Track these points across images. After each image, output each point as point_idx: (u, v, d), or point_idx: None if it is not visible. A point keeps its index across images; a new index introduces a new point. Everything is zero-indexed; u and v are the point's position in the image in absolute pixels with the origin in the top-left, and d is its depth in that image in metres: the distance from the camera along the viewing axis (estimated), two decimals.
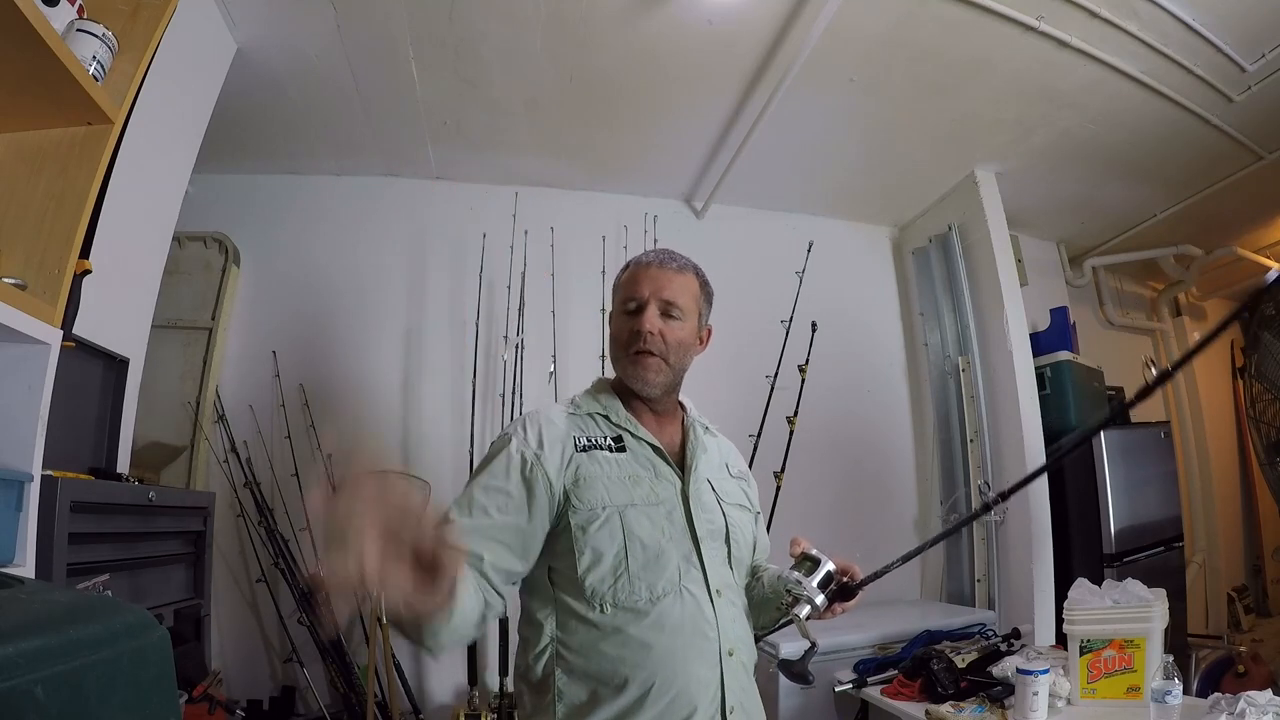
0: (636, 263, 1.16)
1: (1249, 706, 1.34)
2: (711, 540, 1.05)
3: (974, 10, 1.99)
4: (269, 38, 2.06)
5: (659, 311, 1.09)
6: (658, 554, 0.98)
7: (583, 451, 1.04)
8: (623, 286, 1.15)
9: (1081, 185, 3.10)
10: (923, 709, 1.70)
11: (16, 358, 1.15)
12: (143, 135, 1.50)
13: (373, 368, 2.75)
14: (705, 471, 1.12)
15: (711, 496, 1.10)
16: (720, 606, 1.01)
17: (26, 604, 0.52)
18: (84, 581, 1.30)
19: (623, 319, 1.12)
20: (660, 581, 0.97)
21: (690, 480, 1.08)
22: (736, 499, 1.15)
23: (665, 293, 1.09)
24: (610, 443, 1.07)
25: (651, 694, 0.93)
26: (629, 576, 0.96)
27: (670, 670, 0.94)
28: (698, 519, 1.04)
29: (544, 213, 2.81)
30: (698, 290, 1.14)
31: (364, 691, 2.29)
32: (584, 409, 1.12)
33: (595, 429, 1.09)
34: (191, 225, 2.41)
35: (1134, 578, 1.66)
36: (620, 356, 1.11)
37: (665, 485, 1.06)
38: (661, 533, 1.00)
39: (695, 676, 0.96)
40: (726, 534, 1.08)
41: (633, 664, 0.94)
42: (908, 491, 3.19)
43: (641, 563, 0.97)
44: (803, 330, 2.51)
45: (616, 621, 0.95)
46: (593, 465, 1.03)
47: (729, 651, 1.00)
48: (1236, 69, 2.27)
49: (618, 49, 2.16)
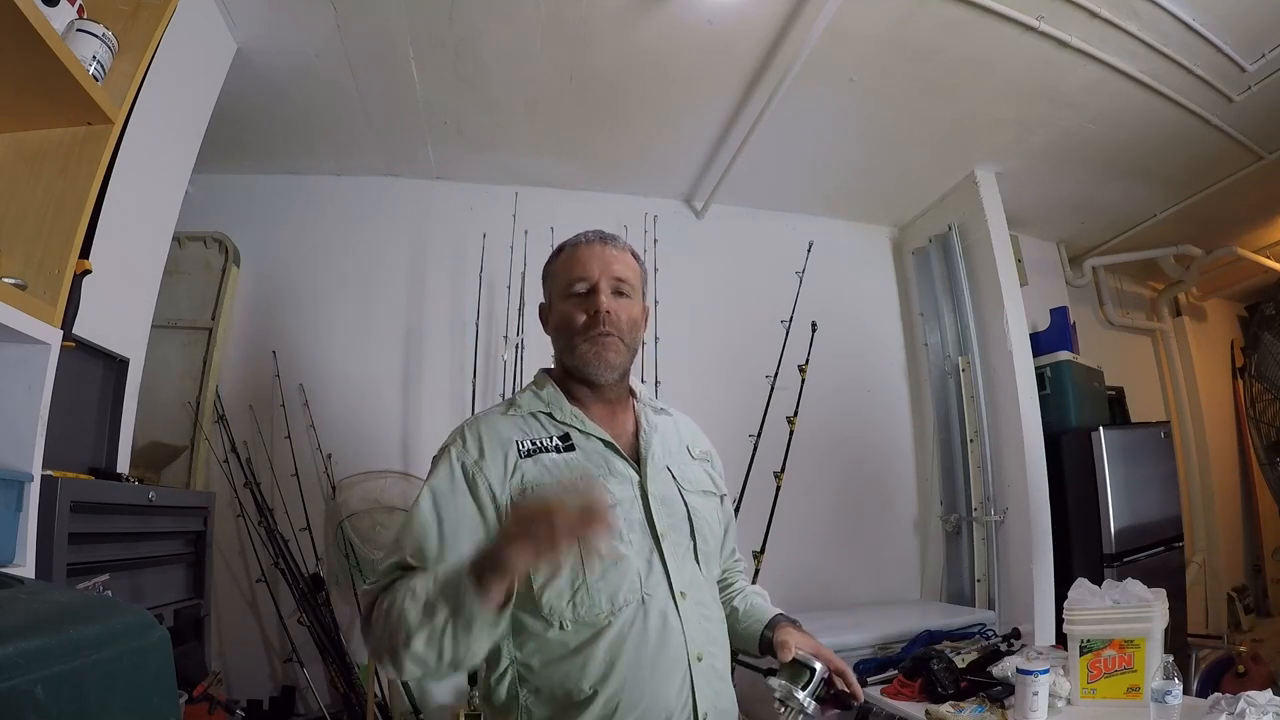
0: (574, 244, 1.09)
1: (1249, 706, 1.34)
2: (674, 535, 1.00)
3: (974, 10, 1.99)
4: (269, 38, 2.06)
5: (611, 290, 1.04)
6: (616, 560, 0.93)
7: (527, 457, 0.98)
8: (562, 270, 1.08)
9: (1081, 185, 3.10)
10: (923, 709, 1.70)
11: (16, 358, 1.15)
12: (143, 135, 1.50)
13: (373, 368, 2.75)
14: (664, 459, 1.06)
15: (673, 487, 1.04)
16: (685, 609, 0.96)
17: (26, 604, 0.53)
18: (84, 581, 1.30)
19: (570, 302, 1.05)
20: (621, 590, 0.92)
21: (648, 473, 1.01)
22: (700, 484, 1.09)
23: (614, 269, 1.05)
24: (557, 443, 1.00)
25: (619, 709, 0.89)
26: (587, 589, 0.92)
27: (637, 683, 0.90)
28: (658, 515, 0.99)
29: (544, 213, 2.80)
30: (639, 270, 1.10)
31: (364, 691, 2.29)
32: (525, 408, 1.05)
33: (539, 429, 1.02)
34: (191, 225, 2.40)
35: (1134, 578, 1.66)
36: (575, 343, 1.03)
37: (621, 483, 0.99)
38: (619, 537, 0.94)
39: (663, 688, 0.92)
40: (691, 528, 1.02)
41: (597, 679, 0.89)
42: (908, 492, 3.19)
43: (599, 572, 0.92)
44: (803, 330, 2.51)
45: (578, 637, 0.91)
46: (539, 471, 0.97)
47: (697, 657, 0.95)
48: (1236, 69, 2.27)
49: (618, 49, 2.16)
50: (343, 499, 2.44)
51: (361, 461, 2.57)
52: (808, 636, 1.06)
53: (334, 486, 2.50)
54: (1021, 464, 2.66)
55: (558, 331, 1.08)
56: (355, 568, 2.36)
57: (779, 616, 1.12)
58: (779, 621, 1.10)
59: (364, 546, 2.36)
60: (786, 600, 1.26)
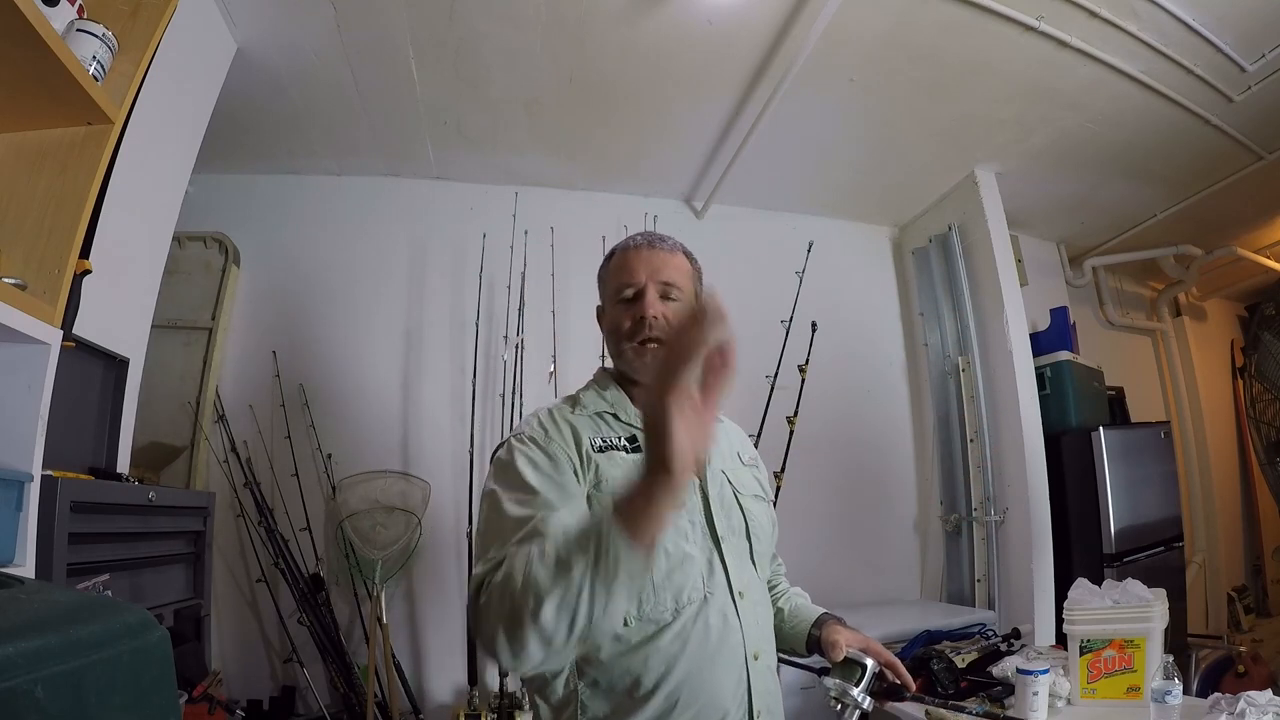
0: (623, 248, 1.08)
1: (1249, 706, 1.33)
2: (732, 538, 1.01)
3: (974, 10, 1.99)
4: (269, 38, 2.06)
5: (659, 294, 1.02)
6: (681, 561, 0.94)
7: (600, 452, 0.97)
8: (613, 275, 1.07)
9: (1081, 185, 3.11)
10: (923, 709, 1.70)
11: (16, 358, 1.15)
12: (143, 135, 1.50)
13: (373, 368, 2.75)
14: (719, 464, 1.06)
15: (729, 490, 1.04)
16: (744, 609, 0.97)
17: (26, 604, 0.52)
18: (84, 581, 1.30)
19: (620, 308, 1.04)
20: (685, 590, 0.93)
21: (708, 477, 1.02)
22: (752, 489, 1.10)
23: (662, 274, 1.03)
24: (625, 443, 1.00)
25: (679, 705, 0.90)
26: (653, 587, 0.91)
27: (697, 680, 0.91)
28: (718, 519, 1.00)
29: (544, 213, 2.81)
30: (689, 269, 1.09)
31: (364, 691, 2.29)
32: (590, 408, 1.04)
33: (607, 429, 1.02)
34: (191, 225, 2.41)
35: (1134, 578, 1.65)
36: (624, 349, 1.03)
37: None
38: (685, 538, 0.95)
39: (722, 684, 0.92)
40: (747, 530, 1.03)
41: (658, 675, 0.90)
42: (908, 492, 3.19)
43: (665, 572, 0.92)
44: (803, 330, 2.51)
45: (641, 633, 0.91)
46: (612, 468, 0.96)
47: (754, 655, 0.96)
48: (1236, 69, 2.27)
49: (618, 49, 2.16)
50: (343, 499, 2.44)
51: (361, 461, 2.58)
52: (855, 632, 1.08)
53: (334, 486, 2.50)
54: (1021, 464, 2.67)
55: (608, 335, 1.08)
56: (355, 568, 2.36)
57: (825, 615, 1.14)
58: (826, 620, 1.11)
59: (364, 546, 2.36)
60: None
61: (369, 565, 2.33)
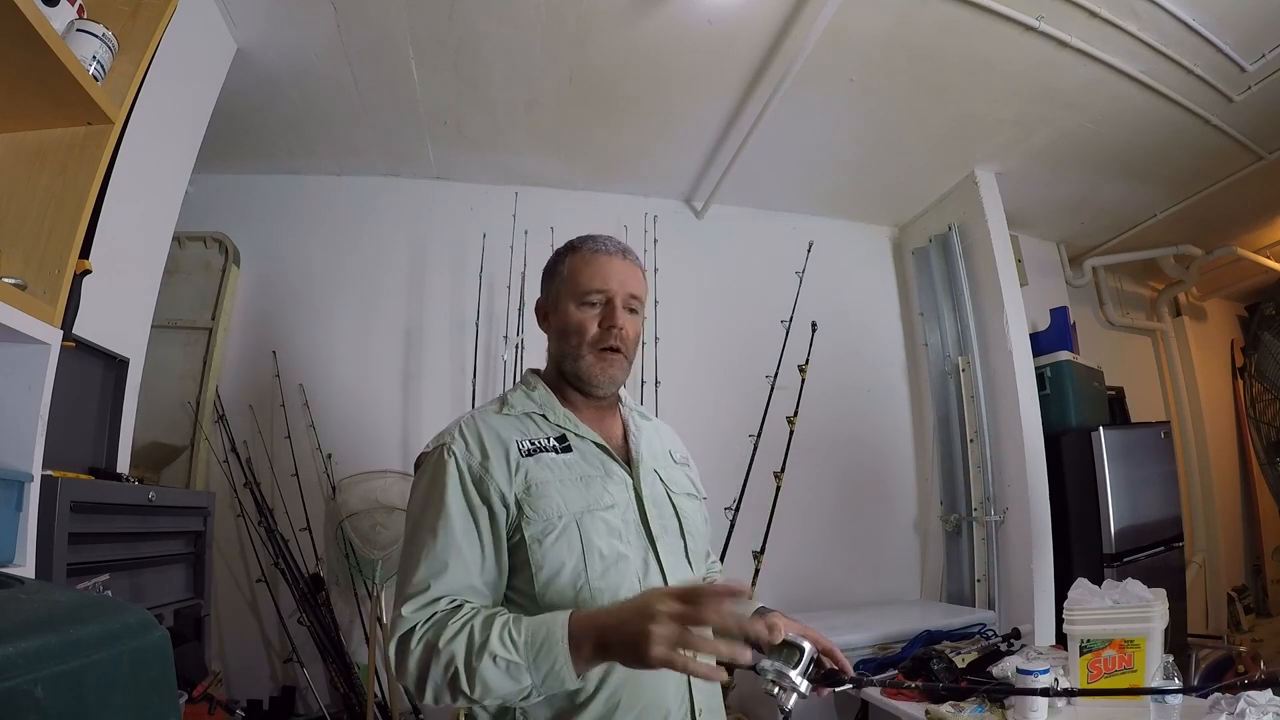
0: (594, 250, 1.07)
1: (1249, 706, 1.34)
2: (667, 536, 1.01)
3: (974, 10, 1.99)
4: (269, 37, 2.06)
5: (625, 307, 1.04)
6: (616, 560, 0.94)
7: (529, 456, 0.97)
8: (580, 275, 1.05)
9: (1081, 185, 3.11)
10: (923, 709, 1.70)
11: (16, 358, 1.15)
12: (143, 135, 1.50)
13: (373, 368, 2.75)
14: (651, 462, 1.07)
15: (661, 489, 1.05)
16: None
17: (26, 604, 0.52)
18: (84, 581, 1.30)
19: (584, 310, 1.04)
20: (621, 589, 0.93)
21: (640, 475, 1.03)
22: (685, 488, 1.11)
23: (630, 287, 1.04)
24: (554, 444, 1.00)
25: (620, 707, 0.90)
26: (589, 588, 0.92)
27: (638, 681, 0.90)
28: (652, 518, 1.00)
29: (544, 213, 2.81)
30: (645, 284, 1.11)
31: (364, 691, 2.29)
32: (519, 408, 1.05)
33: (535, 429, 1.02)
34: (191, 225, 2.41)
35: (1134, 578, 1.66)
36: (581, 353, 1.03)
37: (617, 485, 1.00)
38: (619, 538, 0.96)
39: (662, 684, 0.93)
40: (681, 528, 1.04)
41: (598, 678, 0.89)
42: (908, 492, 3.19)
43: (600, 572, 0.93)
44: (803, 330, 2.51)
45: None
46: (542, 470, 0.97)
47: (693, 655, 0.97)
48: (1236, 69, 2.27)
49: (618, 49, 2.16)
50: (343, 499, 2.44)
51: (361, 461, 2.57)
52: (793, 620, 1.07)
53: (334, 486, 2.50)
54: (1021, 464, 2.67)
55: (561, 335, 1.06)
56: (355, 568, 2.36)
57: (763, 608, 1.12)
58: (763, 611, 1.10)
59: (364, 546, 2.35)
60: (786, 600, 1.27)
61: (369, 565, 2.33)
